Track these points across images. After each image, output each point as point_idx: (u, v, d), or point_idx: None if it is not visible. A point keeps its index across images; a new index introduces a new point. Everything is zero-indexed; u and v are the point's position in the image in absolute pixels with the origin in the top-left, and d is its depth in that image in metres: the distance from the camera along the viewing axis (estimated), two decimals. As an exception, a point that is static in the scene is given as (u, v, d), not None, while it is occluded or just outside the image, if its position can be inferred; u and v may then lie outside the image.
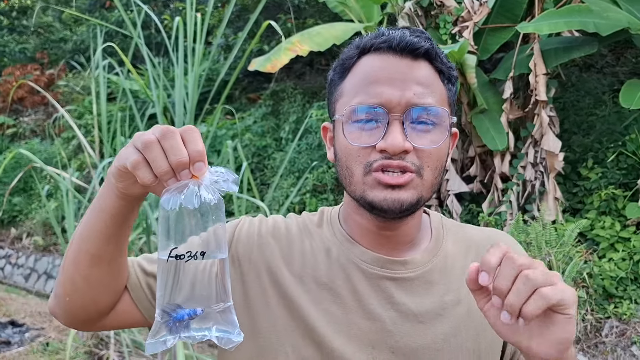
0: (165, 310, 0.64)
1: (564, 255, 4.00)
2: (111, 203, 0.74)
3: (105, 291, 0.81)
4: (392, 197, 0.78)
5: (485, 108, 4.74)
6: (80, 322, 0.86)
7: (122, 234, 0.78)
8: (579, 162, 4.87)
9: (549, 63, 4.45)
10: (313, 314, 0.82)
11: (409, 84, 0.78)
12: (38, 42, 12.64)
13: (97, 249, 0.77)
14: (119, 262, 0.81)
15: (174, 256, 0.64)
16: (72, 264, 0.80)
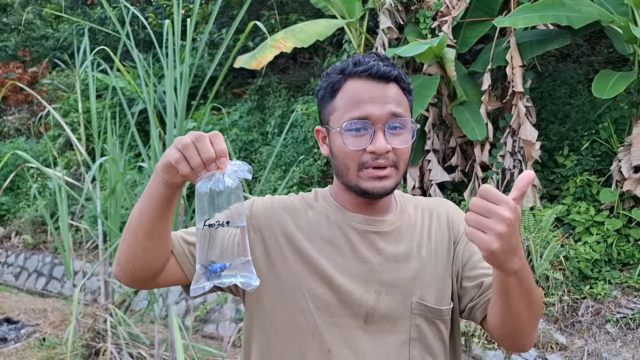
0: (203, 265, 0.92)
1: (541, 239, 4.19)
2: (159, 191, 1.01)
3: (157, 257, 1.09)
4: (380, 185, 1.12)
5: (464, 100, 4.90)
6: (140, 281, 1.13)
7: (167, 214, 1.05)
8: (556, 150, 5.06)
9: (525, 55, 4.62)
10: (322, 261, 1.14)
11: (386, 102, 1.11)
12: (19, 40, 12.54)
13: (150, 226, 1.04)
14: (167, 235, 1.09)
15: (207, 225, 0.91)
16: (132, 238, 1.06)
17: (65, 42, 11.40)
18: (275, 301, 1.15)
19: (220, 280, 0.92)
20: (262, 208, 1.21)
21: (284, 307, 1.14)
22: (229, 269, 0.92)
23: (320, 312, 1.12)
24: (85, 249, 6.19)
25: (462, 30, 5.14)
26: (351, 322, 1.12)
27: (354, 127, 1.10)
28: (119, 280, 1.14)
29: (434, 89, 4.68)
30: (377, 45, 5.34)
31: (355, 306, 1.12)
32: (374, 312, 1.12)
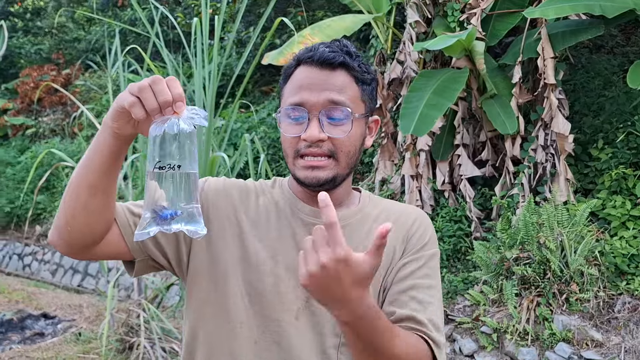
0: (155, 210, 0.89)
1: (575, 234, 4.10)
2: (106, 142, 0.96)
3: (98, 219, 1.02)
4: (311, 175, 1.07)
5: (494, 93, 4.82)
6: (78, 248, 1.05)
7: (114, 169, 1.00)
8: (590, 143, 4.94)
9: (557, 46, 4.52)
10: (259, 249, 1.10)
11: (325, 89, 1.05)
12: (53, 43, 12.85)
13: (94, 180, 0.98)
14: (111, 194, 1.03)
15: (158, 167, 0.88)
16: (73, 196, 1.00)
17: (97, 43, 11.62)
18: (211, 284, 1.10)
19: (169, 226, 0.88)
20: (214, 187, 1.17)
21: (218, 291, 1.10)
22: (179, 216, 0.89)
23: (251, 302, 1.08)
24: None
25: (491, 23, 5.05)
26: (282, 316, 1.07)
27: (290, 114, 1.07)
28: (56, 247, 1.07)
29: (463, 82, 4.62)
30: (404, 39, 5.29)
31: (287, 299, 1.07)
32: (305, 309, 1.07)
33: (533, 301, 4.02)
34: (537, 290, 4.06)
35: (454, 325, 4.26)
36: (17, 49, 12.51)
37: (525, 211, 4.25)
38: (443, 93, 4.52)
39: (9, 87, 12.01)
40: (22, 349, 4.42)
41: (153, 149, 0.88)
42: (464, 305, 4.44)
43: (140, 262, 1.13)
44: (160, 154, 0.88)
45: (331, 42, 1.11)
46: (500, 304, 4.20)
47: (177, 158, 0.88)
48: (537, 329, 3.94)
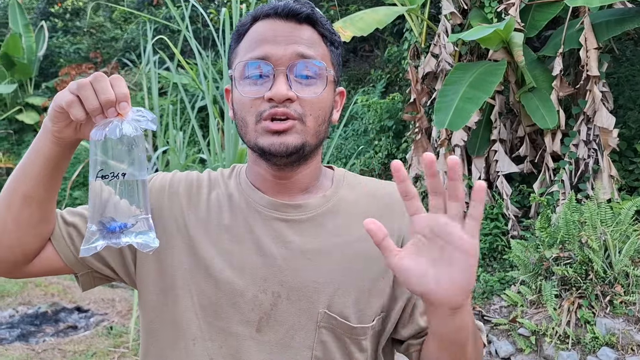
0: (102, 222, 0.79)
1: (620, 234, 3.90)
2: (45, 147, 0.85)
3: (32, 233, 0.90)
4: (278, 141, 0.88)
5: (534, 86, 4.64)
6: (8, 265, 0.92)
7: (53, 179, 0.88)
8: (635, 138, 4.71)
9: (601, 37, 4.31)
10: (212, 253, 0.94)
11: (293, 42, 0.90)
12: (91, 42, 13.10)
13: (29, 189, 0.87)
14: (48, 206, 0.90)
15: (100, 176, 0.79)
16: (4, 206, 0.88)
17: (133, 42, 11.80)
18: (160, 297, 0.94)
19: (118, 240, 0.79)
20: (159, 185, 1.01)
21: (168, 305, 0.94)
22: (128, 229, 0.79)
23: (205, 314, 0.92)
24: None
25: (530, 13, 4.86)
26: (241, 329, 0.91)
27: (249, 72, 0.89)
28: None
29: (501, 75, 4.45)
30: (439, 32, 5.15)
31: (246, 309, 0.91)
32: (269, 318, 0.91)
33: (574, 303, 3.84)
34: (579, 292, 3.88)
35: (490, 326, 4.11)
36: (57, 48, 12.80)
37: (566, 209, 4.06)
38: (479, 86, 4.37)
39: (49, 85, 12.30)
40: (55, 341, 4.47)
41: (95, 156, 0.79)
42: (500, 306, 4.28)
43: (84, 276, 1.00)
44: (102, 161, 0.79)
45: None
46: (538, 305, 4.03)
47: (122, 165, 0.79)
48: (578, 332, 3.76)
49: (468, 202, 0.74)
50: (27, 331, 4.77)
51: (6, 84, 10.89)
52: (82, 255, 0.79)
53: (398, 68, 7.14)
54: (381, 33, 7.46)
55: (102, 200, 0.79)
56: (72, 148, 0.87)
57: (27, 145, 11.39)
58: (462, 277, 0.70)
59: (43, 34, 12.20)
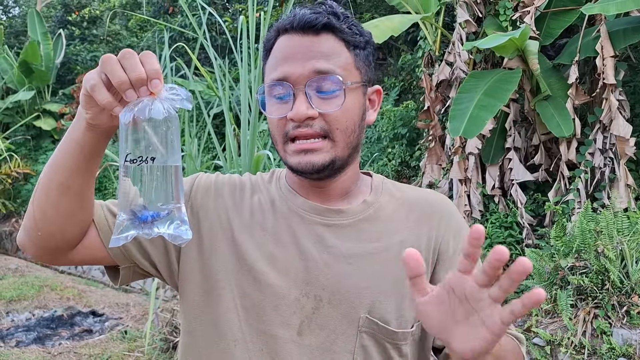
0: (133, 211, 0.73)
1: (637, 243, 3.86)
2: (80, 135, 0.80)
3: (73, 221, 0.87)
4: (305, 160, 0.90)
5: (549, 94, 4.62)
6: (50, 252, 0.90)
7: (89, 167, 0.84)
8: (652, 147, 4.66)
9: (617, 45, 4.29)
10: (255, 255, 0.94)
11: (310, 58, 0.88)
12: (107, 50, 13.27)
13: (66, 179, 0.83)
14: (87, 194, 0.87)
15: (128, 161, 0.72)
16: (43, 195, 0.85)
17: (149, 50, 11.93)
18: (202, 297, 0.94)
19: (150, 230, 0.73)
20: (204, 186, 1.00)
21: (210, 306, 0.94)
22: (161, 218, 0.73)
23: (247, 316, 0.92)
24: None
25: (545, 21, 4.85)
26: (282, 332, 0.90)
27: (273, 93, 0.90)
28: (25, 251, 0.92)
29: (516, 83, 4.44)
30: (453, 39, 5.16)
31: (288, 312, 0.91)
32: (310, 322, 0.91)
33: (590, 313, 3.80)
34: (595, 302, 3.84)
35: (504, 335, 4.08)
36: (74, 56, 12.98)
37: (582, 218, 4.03)
38: (494, 94, 4.36)
39: (66, 92, 12.46)
40: (70, 344, 4.52)
41: (124, 139, 0.72)
42: (514, 315, 4.25)
43: (125, 270, 0.97)
44: (132, 145, 0.72)
45: (320, 3, 0.94)
46: (554, 314, 4.00)
47: (151, 149, 0.72)
48: (594, 342, 3.72)
49: (482, 211, 0.73)
50: (43, 334, 4.83)
51: (25, 91, 11.06)
52: (112, 246, 0.74)
53: (412, 76, 7.15)
54: (395, 41, 7.48)
55: (132, 187, 0.74)
56: (108, 135, 0.82)
57: (45, 151, 11.56)
58: (481, 346, 0.67)
59: (61, 42, 12.39)
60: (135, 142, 0.72)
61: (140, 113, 0.71)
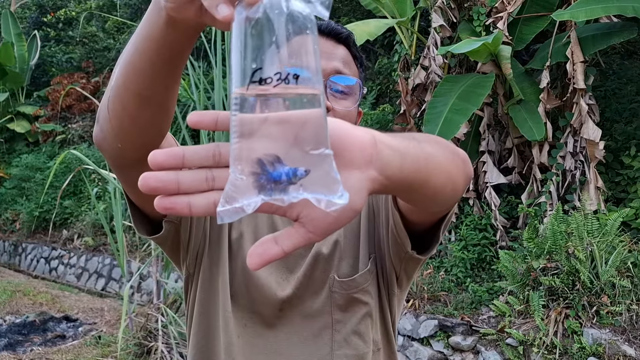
0: (260, 166, 0.46)
1: (606, 245, 3.94)
2: (158, 31, 0.60)
3: (153, 133, 0.75)
4: None
5: (521, 98, 4.70)
6: (129, 162, 0.78)
7: (173, 73, 0.67)
8: (621, 150, 4.77)
9: (587, 50, 4.38)
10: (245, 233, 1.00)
11: (333, 59, 0.95)
12: (83, 52, 13.11)
13: (144, 88, 0.67)
14: (170, 105, 0.72)
15: (257, 80, 0.45)
16: (118, 104, 0.70)
17: (126, 52, 11.83)
18: (206, 281, 0.99)
19: (286, 195, 0.46)
20: None
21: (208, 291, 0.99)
22: (301, 176, 0.46)
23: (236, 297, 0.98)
24: (141, 251, 6.34)
25: (518, 27, 4.94)
26: (265, 310, 0.97)
27: None
28: (104, 153, 0.80)
29: (489, 87, 4.51)
30: (429, 44, 5.22)
31: (270, 296, 0.97)
32: (291, 300, 0.98)
33: (561, 313, 3.87)
34: (566, 302, 3.91)
35: (478, 336, 4.13)
36: (49, 57, 12.80)
37: (554, 220, 4.11)
38: (468, 98, 4.42)
39: (41, 94, 12.28)
40: (42, 350, 4.45)
41: (243, 48, 0.45)
42: (488, 316, 4.30)
43: (170, 226, 0.93)
44: (259, 57, 0.45)
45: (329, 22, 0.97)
46: (526, 315, 4.06)
47: (294, 61, 0.45)
48: (565, 342, 3.79)
49: (457, 213, 0.72)
50: (14, 340, 4.74)
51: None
52: (223, 221, 0.47)
53: (388, 80, 7.21)
54: (372, 45, 7.54)
55: (256, 126, 0.46)
56: (193, 35, 0.61)
57: (19, 154, 11.35)
58: None
59: (35, 43, 12.21)
60: (263, 53, 0.45)
61: (273, 7, 0.45)
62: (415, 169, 0.60)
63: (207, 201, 0.49)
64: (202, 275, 1.01)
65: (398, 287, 1.01)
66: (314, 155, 0.46)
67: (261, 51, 0.45)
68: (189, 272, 1.02)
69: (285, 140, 0.46)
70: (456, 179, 0.71)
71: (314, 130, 0.46)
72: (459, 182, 0.72)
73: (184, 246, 0.99)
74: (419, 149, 0.62)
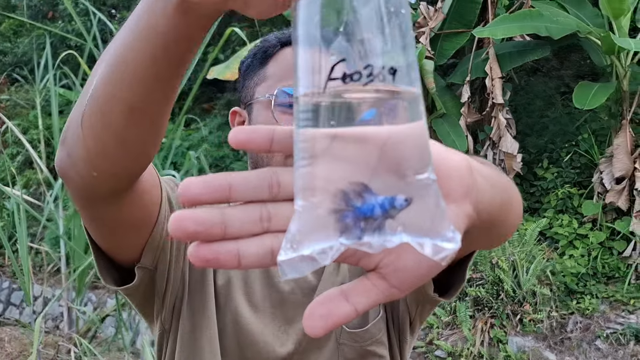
0: (345, 195, 0.33)
1: (526, 254, 4.09)
2: (164, 20, 0.45)
3: (144, 159, 0.60)
4: None
5: (444, 112, 4.81)
6: (105, 194, 0.62)
7: (174, 76, 0.51)
8: (534, 162, 5.00)
9: (504, 67, 4.57)
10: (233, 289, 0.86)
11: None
12: (-25, 55, 12.06)
13: (139, 99, 0.51)
14: (165, 118, 0.56)
15: (340, 77, 0.31)
16: (99, 120, 0.53)
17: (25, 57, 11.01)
18: (187, 338, 0.83)
19: (380, 236, 0.33)
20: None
21: (193, 346, 0.83)
22: (400, 207, 0.32)
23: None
24: (46, 273, 5.82)
25: (439, 42, 5.06)
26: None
27: (288, 100, 0.77)
28: (67, 183, 0.62)
29: (413, 101, 4.57)
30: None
31: (267, 354, 0.83)
32: (292, 357, 0.85)
33: (487, 323, 3.96)
34: (491, 312, 4.01)
35: (408, 349, 4.13)
36: None
37: (477, 231, 4.21)
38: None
39: None
40: None
41: (316, 32, 0.32)
42: (417, 328, 4.33)
43: (143, 272, 0.76)
44: (339, 44, 0.32)
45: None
46: (454, 326, 4.12)
47: (387, 51, 0.31)
48: (491, 351, 3.87)
49: None
50: None
51: None
52: (287, 277, 0.33)
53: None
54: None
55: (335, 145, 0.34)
56: (207, 24, 0.45)
57: None
58: None
59: None
60: (347, 38, 0.32)
61: None
62: (500, 201, 0.48)
63: (261, 248, 0.35)
64: (181, 329, 0.84)
65: (411, 333, 0.89)
66: (417, 181, 0.33)
67: (343, 37, 0.32)
68: (164, 328, 0.85)
69: (375, 162, 0.33)
70: (520, 211, 0.60)
71: (416, 146, 0.34)
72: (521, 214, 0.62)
73: (160, 297, 0.82)
74: (496, 175, 0.50)
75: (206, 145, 7.42)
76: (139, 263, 0.75)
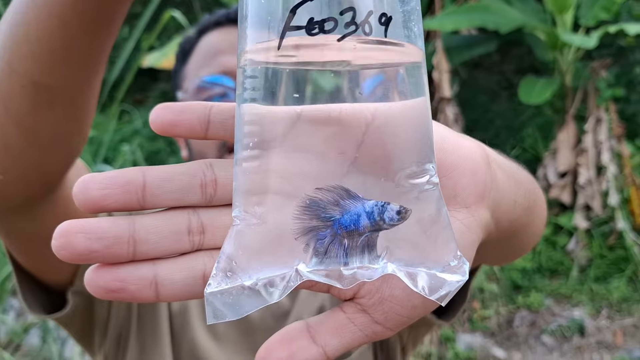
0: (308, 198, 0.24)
1: (474, 250, 4.07)
2: None
3: (65, 155, 0.48)
4: None
5: (391, 106, 4.72)
6: (19, 200, 0.50)
7: (97, 44, 0.42)
8: (480, 157, 5.02)
9: (452, 60, 4.52)
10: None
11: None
12: None
13: (46, 72, 0.41)
14: (91, 101, 0.46)
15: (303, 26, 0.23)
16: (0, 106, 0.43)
17: None
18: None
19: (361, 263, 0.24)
20: None
21: None
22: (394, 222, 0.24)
23: None
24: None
25: (385, 34, 4.97)
26: None
27: (213, 93, 0.69)
28: None
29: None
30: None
31: None
32: None
33: (436, 321, 3.92)
34: (440, 309, 3.97)
35: (356, 351, 4.04)
36: None
37: (426, 227, 4.15)
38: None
39: None
40: None
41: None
42: (365, 328, 4.24)
43: (77, 298, 0.61)
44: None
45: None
46: (403, 325, 4.06)
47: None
48: (441, 350, 3.82)
49: None
50: None
51: None
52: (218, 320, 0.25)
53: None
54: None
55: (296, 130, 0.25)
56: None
57: None
58: None
59: None
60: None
61: None
62: (525, 204, 0.40)
63: (189, 273, 0.26)
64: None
65: (402, 359, 0.75)
66: (411, 186, 0.25)
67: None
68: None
69: (351, 155, 0.25)
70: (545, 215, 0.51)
71: (414, 134, 0.25)
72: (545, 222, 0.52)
73: (101, 327, 0.67)
74: (516, 167, 0.42)
75: (139, 137, 7.03)
76: (72, 286, 0.61)
